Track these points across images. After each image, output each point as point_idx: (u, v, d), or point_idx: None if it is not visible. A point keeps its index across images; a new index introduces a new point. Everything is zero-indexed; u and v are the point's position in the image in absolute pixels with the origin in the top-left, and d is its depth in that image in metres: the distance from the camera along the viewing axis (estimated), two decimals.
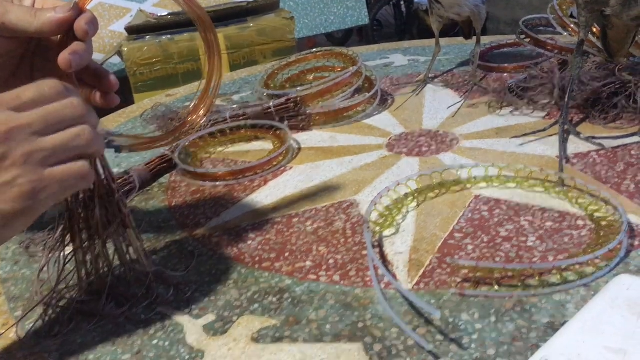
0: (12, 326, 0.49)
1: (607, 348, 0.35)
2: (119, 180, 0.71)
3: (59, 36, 0.46)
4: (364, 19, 1.97)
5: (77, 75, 0.47)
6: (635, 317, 0.37)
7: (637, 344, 0.35)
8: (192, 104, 0.59)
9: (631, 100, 0.72)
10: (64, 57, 0.45)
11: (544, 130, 0.72)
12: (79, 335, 0.48)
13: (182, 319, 0.48)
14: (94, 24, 0.47)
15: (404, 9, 4.22)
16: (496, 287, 0.46)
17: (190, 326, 0.47)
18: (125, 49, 1.49)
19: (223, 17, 1.50)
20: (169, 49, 1.51)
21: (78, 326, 0.48)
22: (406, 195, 0.61)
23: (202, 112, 0.58)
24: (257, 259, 0.55)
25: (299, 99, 0.85)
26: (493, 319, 0.43)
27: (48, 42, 0.48)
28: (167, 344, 0.45)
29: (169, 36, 1.50)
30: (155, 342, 0.46)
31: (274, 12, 1.57)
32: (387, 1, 4.29)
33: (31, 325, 0.49)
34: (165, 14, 1.60)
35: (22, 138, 0.38)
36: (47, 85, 0.40)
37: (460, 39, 1.14)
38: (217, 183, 0.72)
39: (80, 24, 0.45)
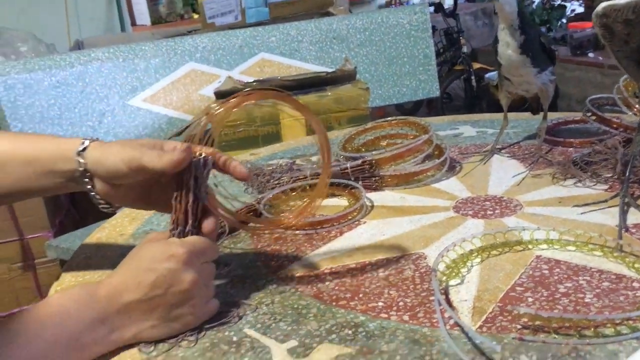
0: None
1: None
2: None
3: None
4: (435, 91, 2.06)
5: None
6: None
7: None
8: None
9: None
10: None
11: (605, 201, 0.77)
12: (180, 350, 0.55)
13: (269, 342, 0.55)
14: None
15: (474, 83, 4.31)
16: (554, 335, 0.51)
17: (276, 349, 0.54)
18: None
19: (305, 85, 1.63)
20: (253, 113, 1.64)
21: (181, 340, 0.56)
22: (471, 251, 0.67)
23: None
24: (334, 297, 0.62)
25: (373, 161, 0.93)
26: None
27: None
28: None
29: (253, 101, 1.64)
30: (246, 359, 0.53)
31: (351, 82, 1.69)
32: (458, 75, 4.40)
33: None
34: (251, 80, 1.75)
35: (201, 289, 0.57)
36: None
37: (528, 114, 1.20)
38: (297, 232, 0.80)
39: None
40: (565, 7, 4.94)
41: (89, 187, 0.62)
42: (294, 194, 0.91)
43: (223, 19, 2.44)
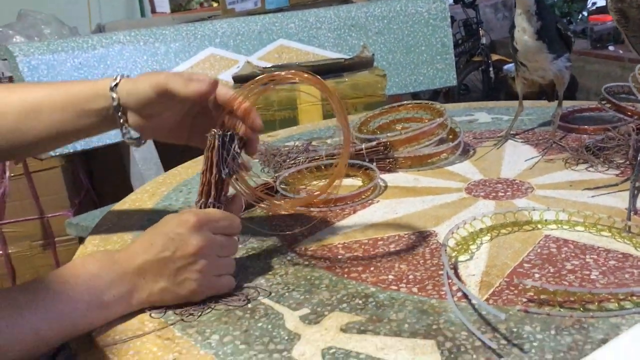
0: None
1: None
2: None
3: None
4: (452, 80, 2.06)
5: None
6: None
7: None
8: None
9: None
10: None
11: (616, 185, 0.78)
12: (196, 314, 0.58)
13: (282, 309, 0.57)
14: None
15: (492, 74, 4.29)
16: (558, 308, 0.53)
17: (289, 315, 0.56)
18: None
19: (322, 71, 1.64)
20: (270, 97, 1.65)
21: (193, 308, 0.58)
22: (481, 230, 0.69)
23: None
24: (345, 270, 0.64)
25: (388, 143, 0.94)
26: (553, 332, 0.50)
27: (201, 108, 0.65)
28: (269, 326, 0.55)
29: (271, 85, 1.66)
30: (260, 324, 0.55)
31: (368, 69, 1.70)
32: (476, 66, 4.38)
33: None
34: (270, 66, 1.76)
35: (210, 255, 0.58)
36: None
37: (544, 102, 1.21)
38: (312, 209, 0.82)
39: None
40: None
41: (122, 121, 0.64)
42: (309, 173, 0.93)
43: (243, 5, 2.46)
